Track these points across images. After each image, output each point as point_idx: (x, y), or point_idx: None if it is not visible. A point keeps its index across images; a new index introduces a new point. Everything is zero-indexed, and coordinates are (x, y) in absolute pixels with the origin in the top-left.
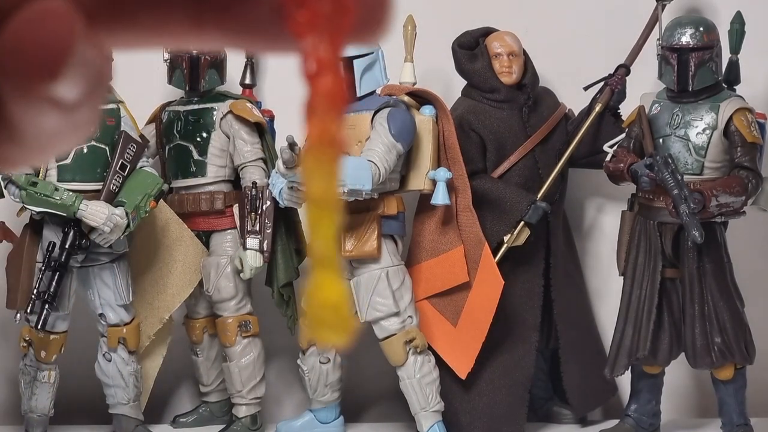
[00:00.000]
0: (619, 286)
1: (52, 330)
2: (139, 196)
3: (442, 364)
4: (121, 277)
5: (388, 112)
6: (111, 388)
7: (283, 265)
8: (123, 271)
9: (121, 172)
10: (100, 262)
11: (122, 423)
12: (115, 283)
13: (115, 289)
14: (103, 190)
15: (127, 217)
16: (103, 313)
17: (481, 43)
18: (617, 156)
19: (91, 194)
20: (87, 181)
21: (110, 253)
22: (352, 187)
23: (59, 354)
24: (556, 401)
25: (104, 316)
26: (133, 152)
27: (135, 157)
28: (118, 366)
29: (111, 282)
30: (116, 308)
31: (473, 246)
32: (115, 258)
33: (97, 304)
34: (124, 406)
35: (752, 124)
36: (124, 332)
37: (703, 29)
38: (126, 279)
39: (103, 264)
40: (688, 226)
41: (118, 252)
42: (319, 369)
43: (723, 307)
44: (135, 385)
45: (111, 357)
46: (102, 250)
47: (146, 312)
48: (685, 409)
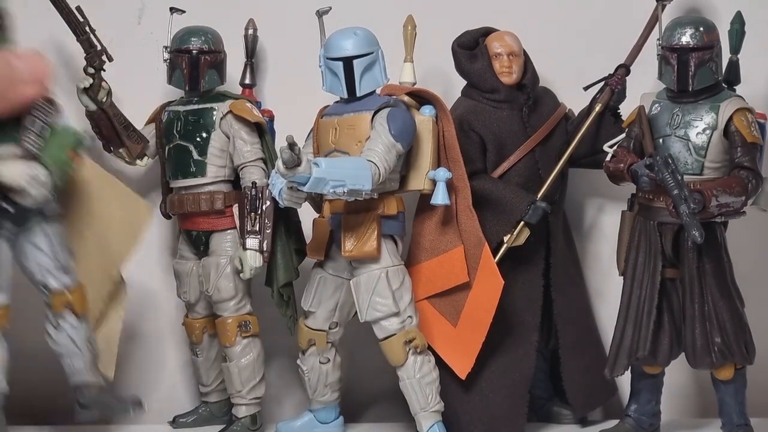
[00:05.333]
0: (619, 286)
1: None
2: (62, 154)
3: (442, 364)
4: (55, 238)
5: (388, 112)
6: (66, 357)
7: (282, 265)
8: (56, 232)
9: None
10: (31, 229)
11: (83, 391)
12: (50, 246)
13: (52, 251)
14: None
15: (50, 175)
16: (43, 281)
17: (481, 43)
18: (617, 156)
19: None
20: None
21: (40, 213)
22: (352, 187)
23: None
24: (556, 401)
25: (46, 285)
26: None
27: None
28: (68, 333)
29: (46, 246)
30: (56, 273)
31: (473, 246)
32: (47, 219)
33: (36, 272)
34: (82, 374)
35: (752, 124)
36: (70, 297)
37: (703, 29)
38: (60, 239)
39: (33, 228)
40: (688, 226)
41: (48, 212)
42: (319, 369)
43: (723, 307)
44: (90, 350)
45: (58, 324)
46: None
47: (95, 274)
48: (685, 409)
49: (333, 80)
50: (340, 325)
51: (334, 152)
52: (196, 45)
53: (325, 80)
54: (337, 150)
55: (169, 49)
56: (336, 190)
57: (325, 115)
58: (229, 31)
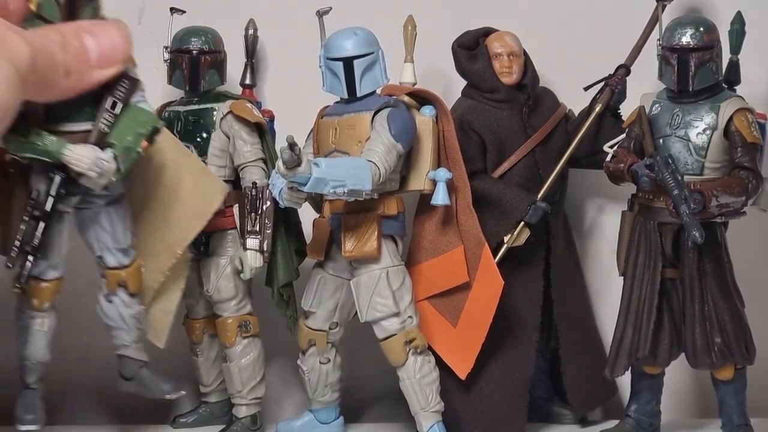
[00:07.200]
0: (619, 286)
1: (42, 277)
2: (129, 137)
3: (443, 364)
4: (118, 220)
5: (388, 112)
6: (114, 329)
7: (283, 265)
8: (120, 213)
9: (112, 110)
10: (95, 205)
11: (125, 364)
12: (112, 226)
13: (113, 232)
14: (93, 131)
15: (115, 160)
16: (101, 255)
17: (481, 43)
18: (617, 156)
19: (81, 135)
20: (77, 120)
21: (106, 195)
22: (352, 187)
23: (53, 301)
24: (556, 401)
25: (102, 259)
26: (125, 89)
27: (127, 93)
28: (119, 308)
29: (108, 225)
30: (114, 251)
31: (473, 246)
32: (112, 200)
33: (95, 247)
34: (128, 348)
35: (752, 125)
36: (123, 275)
37: (703, 29)
38: (123, 222)
39: (99, 207)
40: (689, 226)
41: (113, 194)
42: (319, 369)
43: (723, 307)
44: (137, 327)
45: (112, 299)
46: (97, 192)
47: (159, 248)
48: (685, 409)
49: (333, 80)
50: (340, 326)
51: (335, 152)
52: (197, 45)
53: (326, 80)
54: (337, 150)
55: (170, 50)
56: (336, 191)
57: (325, 116)
58: (229, 31)
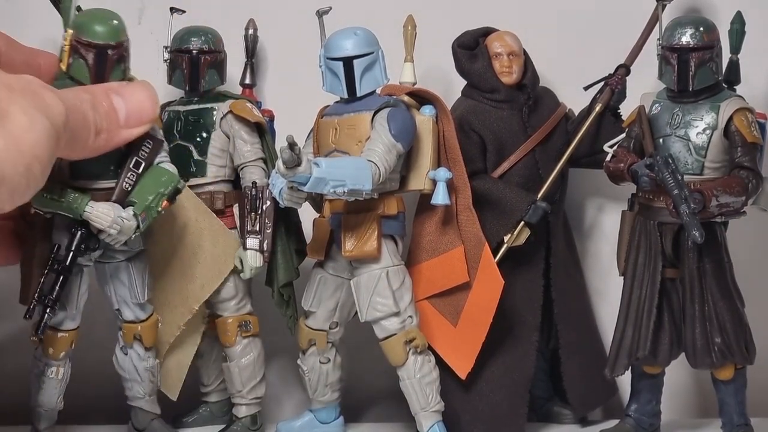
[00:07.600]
0: (619, 285)
1: (59, 328)
2: (151, 196)
3: (443, 364)
4: (137, 275)
5: (388, 112)
6: (128, 381)
7: (283, 265)
8: (139, 269)
9: (135, 169)
10: (115, 260)
11: (138, 415)
12: (130, 281)
13: (131, 287)
14: (116, 189)
15: (136, 219)
16: (119, 308)
17: (481, 43)
18: (617, 156)
19: (104, 193)
20: (101, 179)
21: (126, 251)
22: (352, 187)
23: (68, 351)
24: (556, 401)
25: (120, 312)
26: (149, 149)
27: (151, 153)
28: (133, 361)
29: (126, 280)
30: (132, 306)
31: (473, 246)
32: (131, 256)
33: (113, 300)
34: (140, 400)
35: (752, 124)
36: (139, 329)
37: (703, 29)
38: (142, 277)
39: (119, 262)
40: (688, 226)
41: (133, 250)
42: (319, 369)
43: (723, 307)
44: (150, 380)
45: (127, 352)
46: (117, 248)
47: (176, 301)
48: (685, 409)
49: (333, 80)
50: (340, 325)
51: (335, 152)
52: (197, 45)
53: (326, 80)
54: (337, 150)
55: (170, 49)
56: (336, 190)
57: (325, 115)
58: (229, 31)
